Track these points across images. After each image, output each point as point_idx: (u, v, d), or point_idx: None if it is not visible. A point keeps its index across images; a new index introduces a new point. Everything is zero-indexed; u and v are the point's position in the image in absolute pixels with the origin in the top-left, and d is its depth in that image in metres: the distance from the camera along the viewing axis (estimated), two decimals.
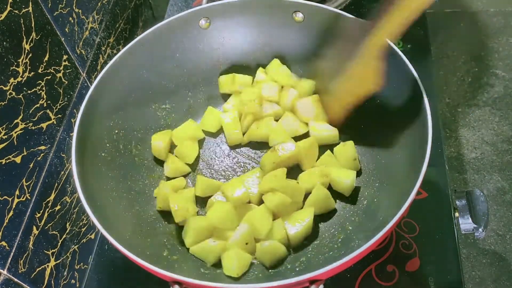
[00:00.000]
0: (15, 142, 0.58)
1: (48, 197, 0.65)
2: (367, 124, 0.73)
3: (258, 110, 0.75)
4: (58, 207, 0.68)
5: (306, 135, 0.74)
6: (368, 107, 0.73)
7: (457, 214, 0.71)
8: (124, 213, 0.65)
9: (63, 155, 0.69)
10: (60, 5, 0.68)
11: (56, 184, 0.67)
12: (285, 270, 0.62)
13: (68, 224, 0.70)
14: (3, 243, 0.56)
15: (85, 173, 0.61)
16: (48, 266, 0.65)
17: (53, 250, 0.66)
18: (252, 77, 0.79)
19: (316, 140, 0.71)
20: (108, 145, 0.69)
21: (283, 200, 0.64)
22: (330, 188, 0.69)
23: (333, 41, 0.72)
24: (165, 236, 0.67)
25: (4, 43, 0.56)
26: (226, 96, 0.81)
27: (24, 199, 0.60)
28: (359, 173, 0.71)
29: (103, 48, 0.83)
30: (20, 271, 0.59)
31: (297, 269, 0.62)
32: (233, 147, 0.77)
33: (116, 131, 0.71)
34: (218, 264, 0.64)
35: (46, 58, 0.65)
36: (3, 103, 0.56)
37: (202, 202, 0.70)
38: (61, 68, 0.69)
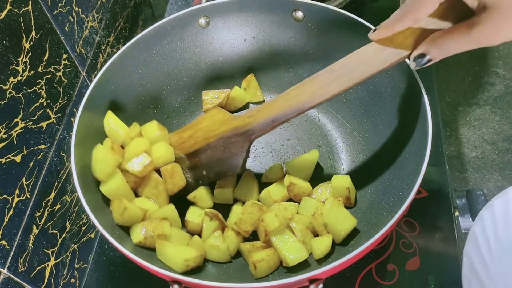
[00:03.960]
0: (15, 141, 0.58)
1: (48, 196, 0.65)
2: (367, 123, 0.73)
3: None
4: (58, 206, 0.68)
5: None
6: (368, 106, 0.73)
7: (457, 213, 0.71)
8: None
9: (63, 154, 0.69)
10: (60, 4, 0.68)
11: (56, 183, 0.67)
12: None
13: (68, 223, 0.70)
14: (3, 242, 0.56)
15: (85, 172, 0.61)
16: (48, 265, 0.65)
17: (53, 249, 0.66)
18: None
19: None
20: None
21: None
22: None
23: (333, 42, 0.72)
24: None
25: (4, 42, 0.56)
26: None
27: (24, 198, 0.60)
28: (359, 174, 0.71)
29: (103, 47, 0.83)
30: (20, 270, 0.59)
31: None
32: None
33: None
34: (218, 263, 0.64)
35: (46, 57, 0.65)
36: (3, 102, 0.56)
37: None
38: (61, 67, 0.69)
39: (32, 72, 0.62)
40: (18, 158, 0.59)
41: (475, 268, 0.59)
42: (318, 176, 0.72)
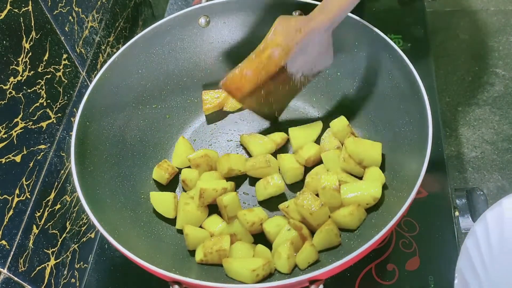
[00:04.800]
0: (15, 141, 0.58)
1: (48, 196, 0.65)
2: (367, 123, 0.73)
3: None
4: (58, 206, 0.68)
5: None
6: (368, 107, 0.73)
7: (457, 213, 0.71)
8: (124, 212, 0.65)
9: (63, 154, 0.69)
10: (60, 4, 0.68)
11: (56, 183, 0.67)
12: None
13: (68, 223, 0.70)
14: (3, 242, 0.56)
15: (85, 172, 0.61)
16: (48, 265, 0.65)
17: (53, 249, 0.66)
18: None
19: None
20: (107, 144, 0.69)
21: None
22: None
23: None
24: (165, 236, 0.67)
25: (4, 42, 0.56)
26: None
27: (24, 198, 0.60)
28: None
29: (103, 47, 0.83)
30: (20, 270, 0.59)
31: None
32: None
33: (116, 130, 0.71)
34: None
35: (46, 57, 0.65)
36: (3, 102, 0.56)
37: None
38: (61, 67, 0.69)
39: (32, 72, 0.62)
40: (18, 158, 0.59)
41: (468, 284, 0.58)
42: None
